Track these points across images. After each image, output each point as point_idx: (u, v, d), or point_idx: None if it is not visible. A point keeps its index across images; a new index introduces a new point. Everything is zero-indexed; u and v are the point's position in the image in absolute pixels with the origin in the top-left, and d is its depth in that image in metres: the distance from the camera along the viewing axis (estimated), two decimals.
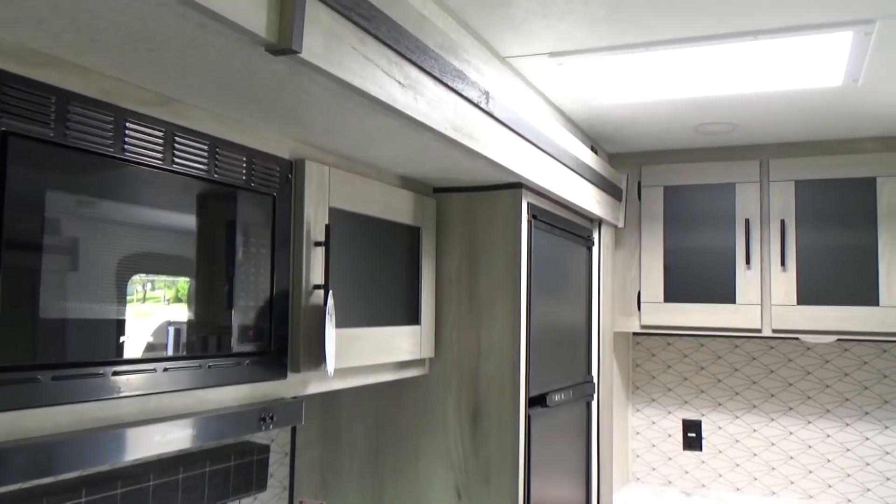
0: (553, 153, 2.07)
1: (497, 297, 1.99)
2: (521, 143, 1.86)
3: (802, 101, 2.24)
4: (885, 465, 2.91)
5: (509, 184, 1.99)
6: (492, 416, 1.97)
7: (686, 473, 3.19)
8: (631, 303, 2.96)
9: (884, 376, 2.94)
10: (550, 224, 2.21)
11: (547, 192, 2.08)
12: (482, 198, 2.03)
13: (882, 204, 2.63)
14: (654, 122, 2.54)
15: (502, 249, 2.00)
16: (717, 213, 2.83)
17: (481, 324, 2.00)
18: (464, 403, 2.00)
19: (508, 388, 1.96)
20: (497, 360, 1.98)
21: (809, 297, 2.69)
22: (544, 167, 2.02)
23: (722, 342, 3.18)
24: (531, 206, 2.05)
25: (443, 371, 2.03)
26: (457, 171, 1.85)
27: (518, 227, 1.99)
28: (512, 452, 1.94)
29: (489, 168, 1.79)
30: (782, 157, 2.77)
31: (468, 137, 1.55)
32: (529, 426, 2.02)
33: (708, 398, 3.18)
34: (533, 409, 2.06)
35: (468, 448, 1.99)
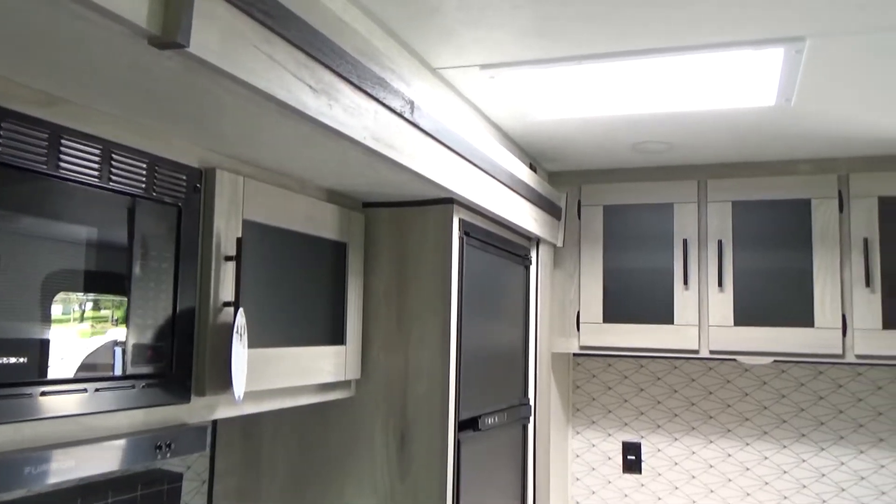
0: (486, 168, 2.02)
1: (427, 316, 1.92)
2: (452, 156, 1.80)
3: (737, 120, 2.23)
4: (821, 487, 2.91)
5: (440, 199, 1.92)
6: (420, 440, 1.89)
7: (625, 497, 3.14)
8: (570, 323, 2.92)
9: (820, 398, 2.95)
10: (484, 241, 2.15)
11: (480, 208, 2.02)
12: (412, 213, 1.96)
13: (816, 226, 2.64)
14: (593, 139, 2.51)
15: (433, 267, 1.93)
16: (656, 233, 2.82)
17: (410, 344, 1.92)
18: (391, 427, 1.91)
19: (437, 411, 1.88)
20: (426, 382, 1.90)
21: (746, 319, 2.68)
22: (477, 182, 1.96)
23: (661, 363, 3.15)
24: (463, 223, 1.99)
25: (370, 393, 1.94)
26: (385, 184, 1.78)
27: (449, 244, 1.92)
28: (440, 478, 1.86)
29: (417, 182, 1.72)
30: (719, 178, 2.77)
31: (390, 148, 1.48)
32: (459, 450, 1.94)
33: (647, 420, 3.15)
34: (463, 433, 1.99)
35: (395, 474, 1.90)
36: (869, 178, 2.60)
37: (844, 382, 2.92)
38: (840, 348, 2.58)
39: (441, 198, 1.92)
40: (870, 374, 2.90)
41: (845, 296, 2.60)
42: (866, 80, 1.85)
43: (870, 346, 2.55)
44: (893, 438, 2.84)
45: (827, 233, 2.62)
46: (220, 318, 1.41)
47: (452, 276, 1.92)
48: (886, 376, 2.87)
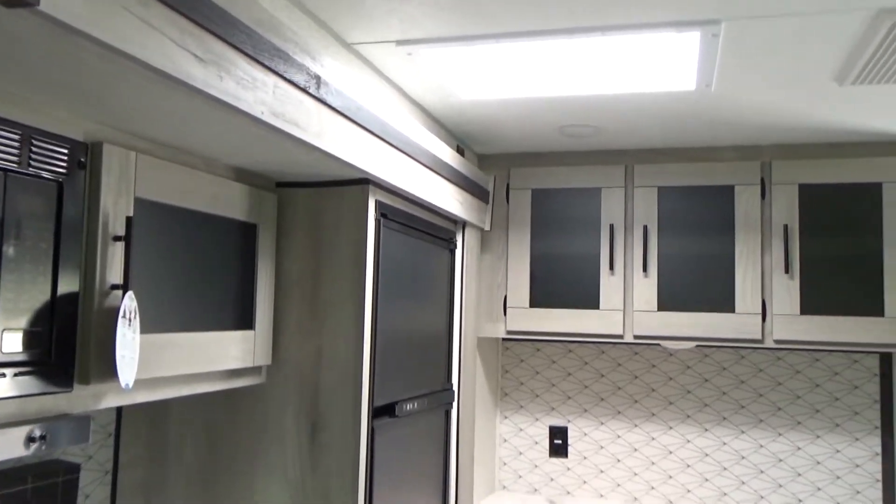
0: (405, 149, 1.96)
1: (342, 300, 1.86)
2: (365, 135, 1.74)
3: (662, 105, 2.22)
4: (741, 469, 2.96)
5: (355, 180, 1.86)
6: (332, 428, 1.83)
7: (552, 481, 3.15)
8: (497, 308, 2.89)
9: (741, 382, 2.99)
10: (404, 224, 2.10)
11: (398, 189, 1.96)
12: (327, 194, 1.89)
13: (739, 212, 2.66)
14: (520, 121, 2.47)
15: (348, 250, 1.87)
16: (583, 218, 2.80)
17: (324, 329, 1.86)
18: (303, 415, 1.86)
19: (350, 398, 1.83)
20: (340, 368, 1.84)
21: (669, 304, 2.70)
22: (394, 163, 1.90)
23: (589, 348, 3.16)
24: (380, 204, 1.93)
25: (281, 380, 1.88)
26: (296, 164, 1.71)
27: (364, 226, 1.86)
28: (352, 467, 1.81)
29: (330, 162, 1.66)
30: (646, 163, 2.77)
31: (293, 125, 1.41)
32: (373, 438, 1.89)
33: (574, 404, 3.16)
34: (379, 420, 1.94)
35: (307, 464, 1.84)
36: (790, 165, 2.63)
37: (765, 367, 2.97)
38: (759, 333, 2.61)
39: (356, 178, 1.85)
40: (789, 359, 2.95)
41: (765, 282, 2.63)
42: (784, 66, 1.85)
43: (787, 331, 2.58)
44: (810, 422, 2.91)
45: (749, 219, 2.65)
46: (107, 301, 1.33)
47: (368, 259, 1.86)
48: (804, 361, 2.93)
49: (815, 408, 2.91)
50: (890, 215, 2.52)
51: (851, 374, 2.89)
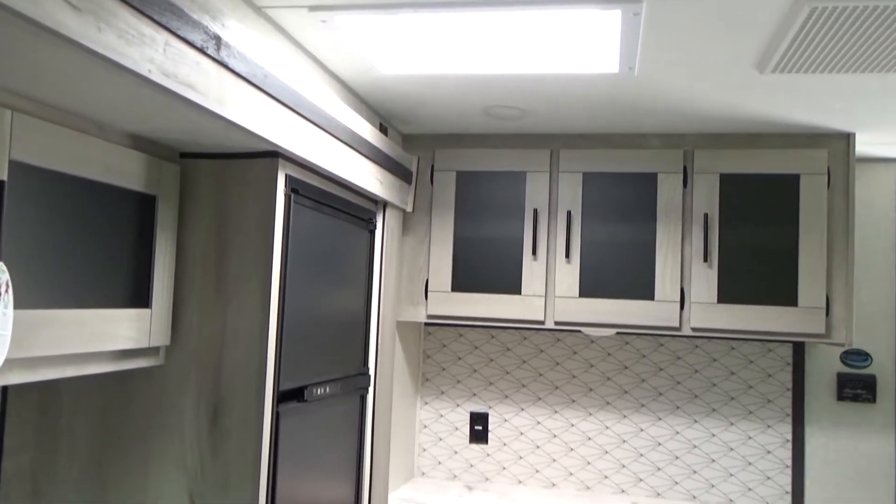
0: (320, 122, 1.87)
1: (248, 278, 1.77)
2: (274, 105, 1.64)
3: (586, 87, 2.18)
4: (657, 455, 2.98)
5: (263, 152, 1.77)
6: (234, 413, 1.74)
7: (471, 467, 3.12)
8: (418, 291, 2.83)
9: (660, 369, 3.01)
10: (317, 201, 2.01)
11: (311, 164, 1.88)
12: (234, 166, 1.79)
13: (661, 200, 2.66)
14: (445, 100, 2.41)
15: (255, 225, 1.77)
16: (508, 202, 2.76)
17: (228, 308, 1.76)
18: (204, 399, 1.76)
19: (254, 382, 1.74)
20: (244, 350, 1.75)
21: (591, 290, 2.68)
22: (308, 137, 1.81)
23: (512, 334, 3.13)
24: (290, 179, 1.84)
25: (181, 362, 1.78)
26: (199, 132, 1.61)
27: (273, 202, 1.77)
28: (254, 453, 1.73)
29: (234, 131, 1.56)
30: (571, 148, 2.74)
31: (188, 88, 1.31)
32: (278, 423, 1.81)
33: (495, 390, 3.13)
34: (285, 405, 1.86)
35: (206, 450, 1.75)
36: (712, 154, 2.64)
37: (683, 355, 3.00)
38: (678, 321, 2.62)
39: (264, 151, 1.76)
40: (706, 347, 2.98)
41: (684, 270, 2.64)
42: (706, 51, 1.83)
43: (705, 319, 2.60)
44: (725, 409, 2.95)
45: (671, 207, 2.65)
46: None
47: (276, 236, 1.77)
48: (721, 349, 2.97)
49: (730, 395, 2.95)
50: (806, 207, 2.56)
51: (766, 362, 2.94)
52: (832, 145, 2.58)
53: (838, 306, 2.55)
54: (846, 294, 2.55)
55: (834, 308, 2.55)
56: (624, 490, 3.00)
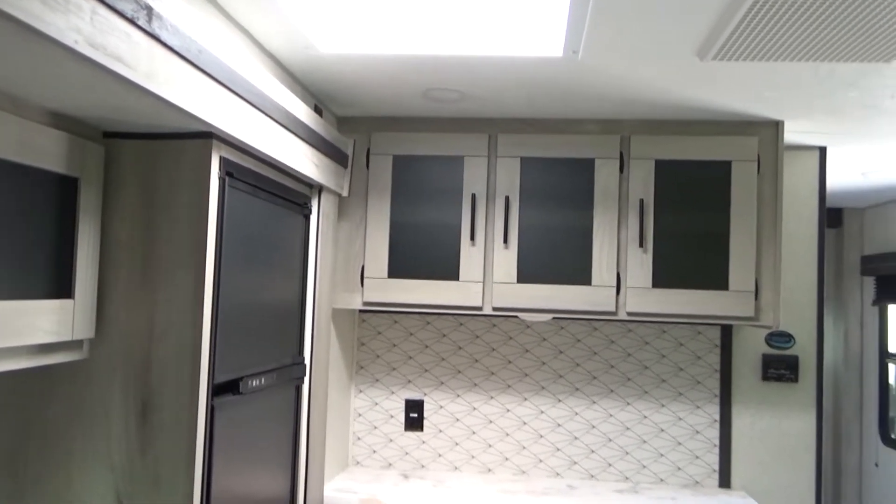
0: (256, 102, 1.78)
1: (179, 266, 1.67)
2: (209, 83, 1.55)
3: (528, 71, 2.16)
4: (591, 438, 3.02)
5: (196, 132, 1.67)
6: (166, 408, 1.65)
7: (406, 455, 3.08)
8: (354, 278, 2.77)
9: (594, 353, 3.04)
10: (252, 185, 1.93)
11: (246, 146, 1.79)
12: (164, 147, 1.69)
13: (598, 186, 2.67)
14: (383, 82, 2.34)
15: (187, 210, 1.68)
16: (445, 187, 2.72)
17: (158, 298, 1.67)
18: (131, 394, 1.66)
19: (187, 375, 1.65)
20: (175, 342, 1.66)
21: (528, 276, 2.68)
22: (242, 117, 1.72)
23: (448, 320, 3.10)
24: (225, 162, 1.75)
25: (106, 355, 1.67)
26: (127, 111, 1.50)
27: (206, 185, 1.68)
28: (188, 449, 1.64)
29: (165, 109, 1.46)
30: (510, 133, 2.72)
31: (117, 61, 1.21)
32: (213, 417, 1.73)
33: (431, 377, 3.10)
34: (220, 398, 1.78)
35: (134, 447, 1.65)
36: (648, 140, 2.66)
37: (616, 338, 3.04)
38: (614, 306, 2.65)
39: (197, 131, 1.66)
40: (639, 331, 3.03)
41: (621, 255, 2.66)
42: (651, 36, 1.83)
43: (640, 304, 2.64)
44: (656, 391, 3.00)
45: (607, 193, 2.66)
46: None
47: (210, 222, 1.68)
48: (653, 332, 3.02)
49: (661, 377, 3.01)
50: (737, 193, 2.62)
51: (695, 345, 3.00)
52: (762, 133, 2.64)
53: (767, 290, 2.62)
54: (774, 278, 2.62)
55: (763, 292, 2.62)
56: (559, 473, 3.03)
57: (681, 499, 2.77)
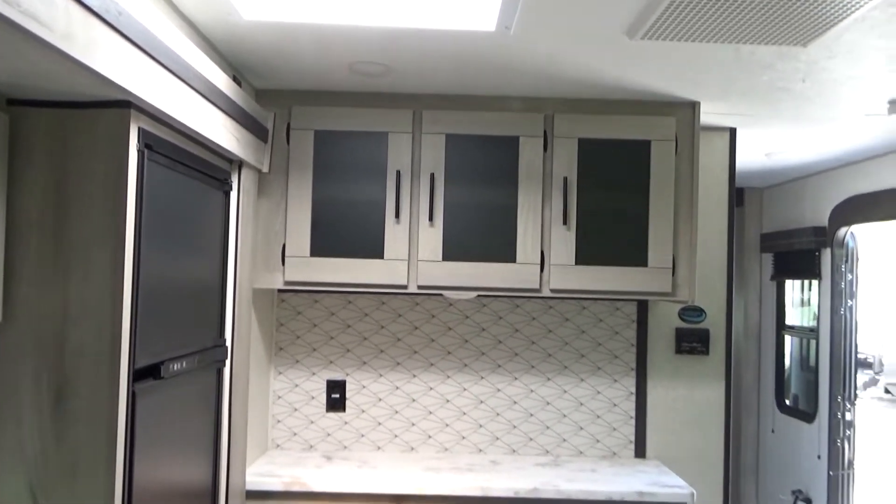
0: (177, 71, 1.68)
1: (95, 245, 1.57)
2: (129, 48, 1.45)
3: (458, 46, 2.13)
4: (513, 413, 3.06)
5: (113, 101, 1.56)
6: (82, 395, 1.55)
7: (328, 436, 3.04)
8: (275, 257, 2.68)
9: (515, 330, 3.07)
10: (172, 158, 1.82)
11: (167, 117, 1.69)
12: (78, 117, 1.57)
13: (523, 164, 2.68)
14: (307, 54, 2.26)
15: (103, 185, 1.57)
16: (369, 163, 2.67)
17: (71, 279, 1.56)
18: (44, 381, 1.55)
19: (106, 360, 1.56)
20: (92, 325, 1.56)
21: (454, 254, 2.67)
22: (163, 85, 1.62)
23: (370, 299, 3.06)
24: (144, 133, 1.65)
25: (14, 340, 1.55)
26: (37, 75, 1.38)
27: (125, 159, 1.58)
28: (108, 437, 1.55)
29: (81, 75, 1.36)
30: (435, 109, 2.69)
31: (31, 19, 1.11)
32: (134, 404, 1.64)
33: (353, 357, 3.06)
34: (141, 383, 1.69)
35: (48, 437, 1.55)
36: (571, 119, 2.68)
37: (538, 315, 3.08)
38: (538, 283, 2.67)
39: (114, 100, 1.55)
40: (559, 308, 3.08)
41: (544, 233, 2.69)
42: (583, 12, 1.84)
43: (563, 280, 2.67)
44: (576, 366, 3.07)
45: (532, 171, 2.68)
46: None
47: (129, 198, 1.58)
48: (573, 309, 3.07)
49: (580, 353, 3.07)
50: (656, 172, 2.68)
51: (613, 320, 3.08)
52: (679, 113, 2.71)
53: (683, 266, 2.71)
54: (690, 255, 2.71)
55: (679, 268, 2.71)
56: (481, 449, 3.05)
57: (600, 470, 2.85)
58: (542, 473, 2.76)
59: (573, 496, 2.56)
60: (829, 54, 2.07)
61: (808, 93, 2.48)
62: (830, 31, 1.86)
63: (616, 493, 2.57)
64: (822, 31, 1.86)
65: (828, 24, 1.81)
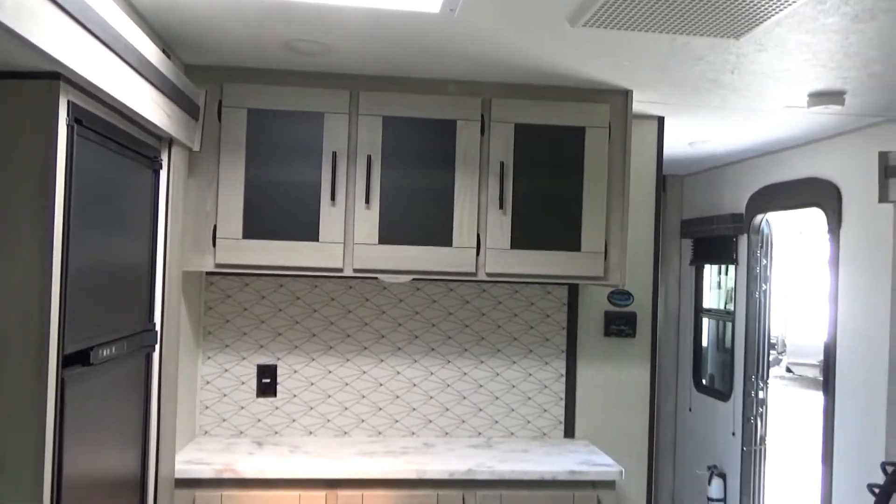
0: (109, 42, 1.60)
1: (20, 225, 1.48)
2: (60, 16, 1.37)
3: (399, 27, 2.10)
4: (446, 396, 3.07)
5: (43, 73, 1.47)
6: (6, 383, 1.47)
7: (259, 421, 2.98)
8: (205, 239, 2.60)
9: (449, 314, 3.08)
10: (102, 134, 1.74)
11: (98, 90, 1.61)
12: (3, 88, 1.48)
13: (460, 147, 2.68)
14: (240, 29, 2.19)
15: (30, 162, 1.49)
16: (304, 144, 2.62)
17: None
18: None
19: (34, 346, 1.48)
20: (18, 310, 1.48)
21: (390, 237, 2.65)
22: (94, 56, 1.54)
23: (302, 282, 3.01)
24: (74, 107, 1.56)
25: None
26: None
27: (53, 133, 1.49)
28: (36, 429, 1.48)
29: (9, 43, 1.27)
30: (372, 91, 2.65)
31: None
32: (63, 391, 1.56)
33: (284, 341, 3.00)
34: (70, 370, 1.61)
35: None
36: (509, 104, 2.70)
37: (471, 299, 3.09)
38: (474, 267, 2.69)
39: (44, 71, 1.46)
40: (492, 291, 3.10)
41: (481, 217, 2.70)
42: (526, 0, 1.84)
43: (499, 264, 2.69)
44: (508, 349, 3.10)
45: (469, 155, 2.68)
46: None
47: (58, 174, 1.50)
48: (506, 292, 3.10)
49: (513, 336, 3.11)
50: (590, 159, 2.73)
51: (545, 303, 3.13)
52: (613, 101, 2.76)
53: (614, 251, 2.77)
54: (621, 240, 2.77)
55: (611, 253, 2.77)
56: (414, 433, 3.06)
57: (531, 450, 2.90)
58: (476, 455, 2.79)
59: (507, 477, 2.60)
60: (759, 47, 2.14)
61: (735, 84, 2.57)
62: (763, 24, 1.92)
63: (548, 472, 2.62)
64: (755, 25, 1.93)
65: (762, 17, 1.87)
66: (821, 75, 2.41)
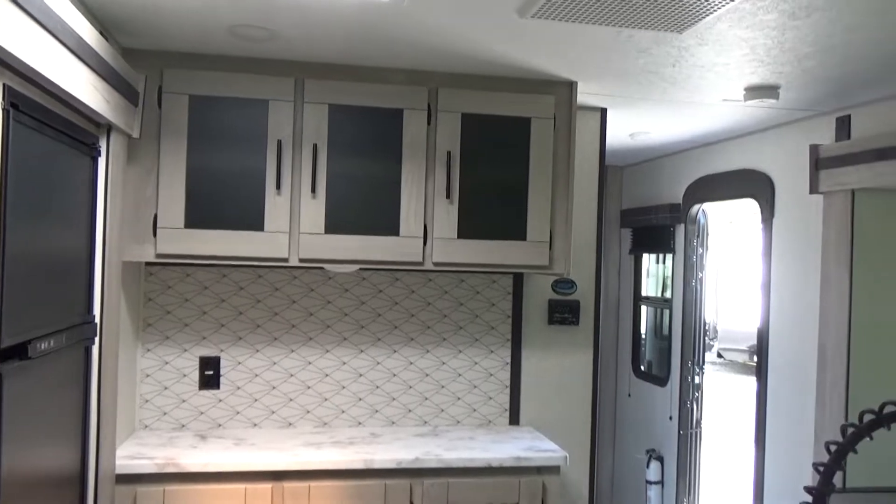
0: (46, 23, 1.54)
1: None
2: None
3: (348, 12, 2.08)
4: (392, 386, 3.07)
5: None
6: None
7: (202, 414, 2.93)
8: (145, 228, 2.53)
9: (395, 303, 3.08)
10: (40, 120, 1.67)
11: (34, 73, 1.55)
12: None
13: (407, 137, 2.67)
14: (182, 13, 2.13)
15: None
16: (249, 132, 2.57)
17: None
18: None
19: None
20: None
21: (336, 227, 2.63)
22: (30, 37, 1.48)
23: (246, 272, 2.96)
24: (10, 91, 1.50)
25: None
26: None
27: None
28: None
29: None
30: (318, 79, 2.62)
31: None
32: (0, 387, 1.50)
33: (228, 332, 2.95)
34: (7, 364, 1.55)
35: None
36: (456, 94, 2.70)
37: (417, 288, 3.10)
38: (421, 256, 2.69)
39: None
40: (438, 280, 3.11)
41: (428, 206, 2.70)
42: None
43: (445, 254, 2.70)
44: (454, 338, 3.12)
45: (416, 144, 2.68)
46: None
47: None
48: (451, 282, 3.12)
49: (458, 325, 3.13)
50: (535, 149, 2.75)
51: (490, 293, 3.15)
52: (558, 92, 2.79)
53: (559, 240, 2.81)
54: (566, 229, 2.81)
55: (555, 242, 2.81)
56: (361, 423, 3.05)
57: (477, 437, 2.93)
58: (423, 444, 2.80)
59: (454, 464, 2.62)
60: (700, 42, 2.20)
61: (676, 77, 2.63)
62: (705, 19, 1.97)
63: (495, 459, 2.65)
64: (698, 19, 1.97)
65: (705, 12, 1.92)
66: (757, 70, 2.48)
